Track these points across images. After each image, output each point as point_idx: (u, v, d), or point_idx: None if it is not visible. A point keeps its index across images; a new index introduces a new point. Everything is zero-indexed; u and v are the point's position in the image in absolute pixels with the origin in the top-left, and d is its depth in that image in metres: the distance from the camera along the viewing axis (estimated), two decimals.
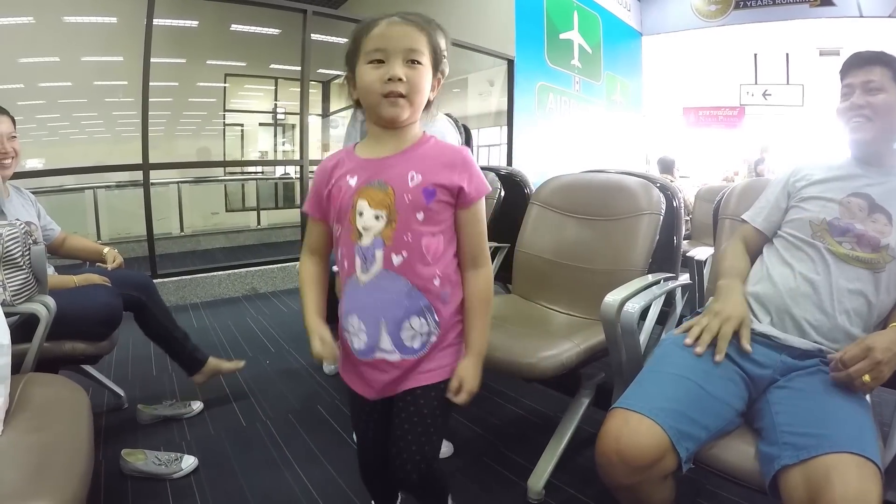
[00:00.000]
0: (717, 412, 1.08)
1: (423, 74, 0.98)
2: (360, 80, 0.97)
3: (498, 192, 2.57)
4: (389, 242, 0.97)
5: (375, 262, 0.98)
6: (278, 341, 3.02)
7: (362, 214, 0.97)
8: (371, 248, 0.98)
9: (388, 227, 0.96)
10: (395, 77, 0.94)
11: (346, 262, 1.01)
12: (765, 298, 1.29)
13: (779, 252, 1.36)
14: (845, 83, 1.33)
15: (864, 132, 1.29)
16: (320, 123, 9.70)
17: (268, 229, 7.69)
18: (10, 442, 1.04)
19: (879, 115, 1.26)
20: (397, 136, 1.01)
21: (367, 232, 0.97)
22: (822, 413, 1.02)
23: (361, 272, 0.99)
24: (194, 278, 3.97)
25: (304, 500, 1.60)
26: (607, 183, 2.06)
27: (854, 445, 0.91)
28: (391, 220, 0.96)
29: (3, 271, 1.43)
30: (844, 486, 0.85)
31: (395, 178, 0.97)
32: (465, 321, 1.07)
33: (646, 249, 1.84)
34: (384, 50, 0.95)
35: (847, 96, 1.31)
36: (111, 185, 6.22)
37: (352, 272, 1.00)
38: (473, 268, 1.06)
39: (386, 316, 0.99)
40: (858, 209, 1.27)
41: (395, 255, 0.97)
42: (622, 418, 1.03)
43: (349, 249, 1.00)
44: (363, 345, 1.01)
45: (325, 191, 1.03)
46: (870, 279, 1.21)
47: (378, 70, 0.95)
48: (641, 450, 0.98)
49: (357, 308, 1.01)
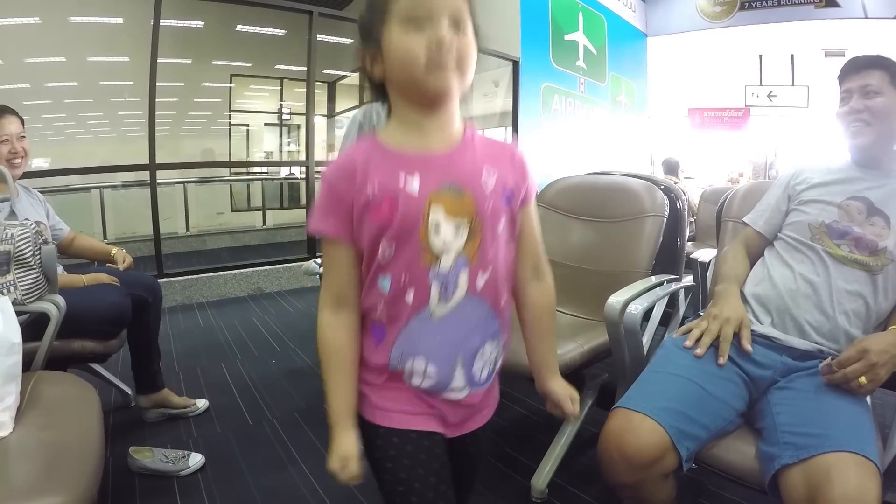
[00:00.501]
0: (718, 412, 1.09)
1: (472, 44, 0.78)
2: (394, 47, 0.74)
3: None
4: (474, 261, 0.77)
5: (458, 287, 0.77)
6: (284, 341, 3.04)
7: (439, 229, 0.75)
8: (454, 271, 0.76)
9: (470, 243, 0.76)
10: (444, 41, 0.72)
11: (410, 294, 0.76)
12: (765, 299, 1.31)
13: (779, 254, 1.37)
14: (844, 88, 1.35)
15: (863, 136, 1.30)
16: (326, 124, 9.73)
17: (273, 229, 7.72)
18: (21, 439, 1.07)
19: (878, 119, 1.28)
20: (444, 122, 0.79)
21: (448, 251, 0.75)
22: (822, 413, 1.03)
23: (438, 304, 0.77)
24: (200, 278, 4.00)
25: (310, 497, 1.61)
26: (611, 185, 2.07)
27: (853, 445, 0.93)
28: (474, 233, 0.76)
29: (15, 271, 1.46)
30: (844, 484, 0.86)
31: (470, 179, 0.77)
32: (532, 341, 0.93)
33: (649, 251, 1.85)
34: (427, 9, 0.73)
35: (845, 101, 1.33)
36: (117, 184, 6.26)
37: (421, 306, 0.76)
38: (538, 278, 0.90)
39: (464, 349, 0.80)
40: (857, 212, 1.29)
41: (480, 275, 0.78)
42: (624, 417, 1.04)
43: (417, 277, 0.75)
44: (429, 385, 0.80)
45: (357, 200, 0.75)
46: (868, 281, 1.23)
47: (420, 35, 0.73)
48: (643, 448, 0.99)
49: (426, 349, 0.78)
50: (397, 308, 0.77)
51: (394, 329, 0.78)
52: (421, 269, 0.75)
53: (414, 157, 0.77)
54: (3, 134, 1.82)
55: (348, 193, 0.75)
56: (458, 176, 0.77)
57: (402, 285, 0.76)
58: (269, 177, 8.87)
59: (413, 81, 0.74)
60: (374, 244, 0.75)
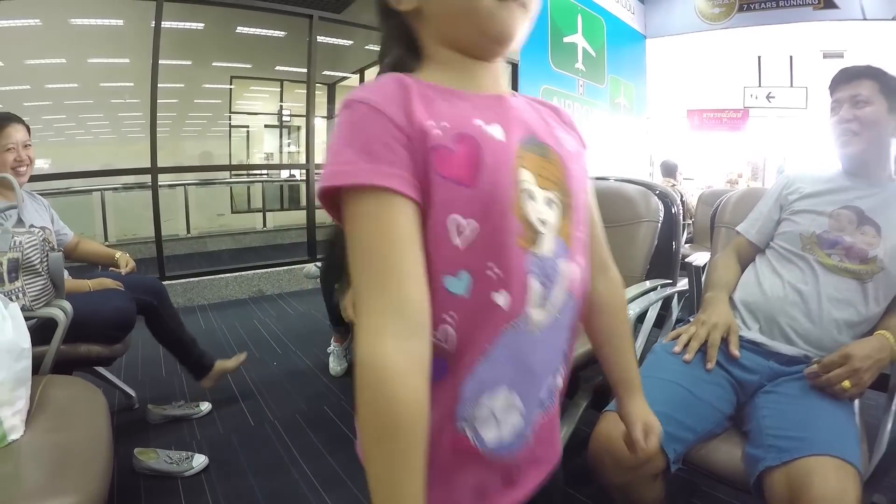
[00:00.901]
0: (705, 415, 1.13)
1: None
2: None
3: None
4: (570, 244, 0.57)
5: (558, 280, 0.55)
6: (285, 343, 3.08)
7: (534, 199, 0.53)
8: (553, 258, 0.55)
9: (564, 220, 0.56)
10: None
11: (502, 295, 0.51)
12: (754, 306, 1.34)
13: (770, 262, 1.41)
14: (834, 98, 1.36)
15: (852, 146, 1.33)
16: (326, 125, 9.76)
17: (274, 231, 7.75)
18: (31, 442, 1.10)
19: (866, 128, 1.30)
20: (496, 74, 0.60)
21: (547, 230, 0.54)
22: (806, 417, 1.06)
23: (538, 305, 0.54)
24: (201, 280, 4.04)
25: (312, 497, 1.65)
26: (607, 190, 2.10)
27: (834, 449, 0.96)
28: (567, 208, 0.57)
29: (23, 277, 1.49)
30: (823, 486, 0.90)
31: (550, 138, 0.59)
32: (610, 353, 0.74)
33: (644, 256, 1.89)
34: None
35: (836, 110, 1.35)
36: (118, 186, 6.29)
37: (520, 311, 0.52)
38: (605, 271, 0.71)
39: (553, 371, 0.61)
40: (848, 222, 1.31)
41: (576, 266, 0.58)
42: (613, 420, 1.08)
43: (512, 269, 0.51)
44: (509, 432, 0.56)
45: (414, 139, 0.48)
46: (858, 289, 1.26)
47: None
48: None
49: (512, 375, 0.55)
50: (478, 320, 0.51)
51: (469, 355, 0.52)
52: (517, 256, 0.51)
53: (484, 98, 0.56)
54: (9, 142, 1.85)
55: (403, 126, 0.48)
56: (539, 132, 0.58)
57: (490, 282, 0.50)
58: (270, 179, 8.89)
59: (474, 13, 0.53)
60: (441, 219, 0.49)
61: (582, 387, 1.80)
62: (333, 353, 2.59)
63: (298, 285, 4.44)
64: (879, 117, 1.29)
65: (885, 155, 1.36)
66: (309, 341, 3.05)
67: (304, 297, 4.20)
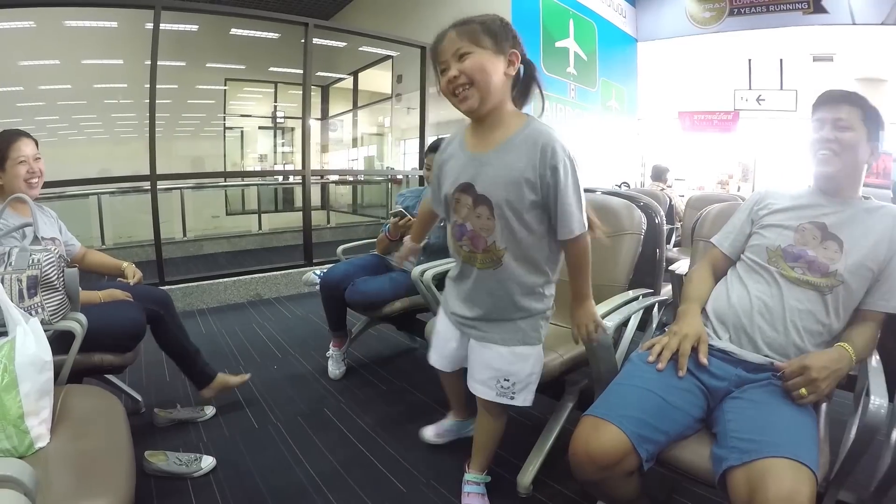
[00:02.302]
0: (676, 419, 1.23)
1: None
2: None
3: None
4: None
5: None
6: (284, 347, 3.17)
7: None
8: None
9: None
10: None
11: None
12: (724, 317, 1.44)
13: (739, 274, 1.50)
14: (816, 117, 1.43)
15: (830, 165, 1.40)
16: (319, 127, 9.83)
17: (269, 234, 7.80)
18: (58, 449, 1.19)
19: (845, 151, 1.37)
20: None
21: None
22: (766, 421, 1.15)
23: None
24: (200, 285, 4.12)
25: (315, 494, 1.75)
26: (593, 203, 2.18)
27: (790, 451, 1.04)
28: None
29: (41, 293, 1.58)
30: (777, 486, 0.98)
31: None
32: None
33: (627, 266, 2.00)
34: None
35: (818, 130, 1.41)
36: (114, 190, 6.33)
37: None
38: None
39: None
40: (812, 237, 1.41)
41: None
42: (591, 424, 1.18)
43: None
44: None
45: None
46: (818, 300, 1.35)
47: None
48: (606, 451, 1.13)
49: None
50: None
51: None
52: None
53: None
54: (20, 155, 1.93)
55: None
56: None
57: None
58: (264, 182, 8.94)
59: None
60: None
61: (568, 389, 1.91)
62: (332, 358, 2.68)
63: (296, 289, 4.52)
64: (858, 142, 1.37)
65: (858, 178, 1.43)
66: (307, 346, 3.14)
67: (302, 301, 4.28)
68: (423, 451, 1.99)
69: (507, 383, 1.47)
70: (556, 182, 1.29)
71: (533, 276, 1.43)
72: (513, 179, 1.31)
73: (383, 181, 9.22)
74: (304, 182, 4.63)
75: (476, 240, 1.40)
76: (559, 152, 1.28)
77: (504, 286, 1.42)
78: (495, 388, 1.48)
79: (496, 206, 1.34)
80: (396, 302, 2.39)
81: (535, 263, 1.42)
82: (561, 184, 1.29)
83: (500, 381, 1.47)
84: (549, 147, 1.29)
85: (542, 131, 1.32)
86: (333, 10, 9.38)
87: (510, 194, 1.32)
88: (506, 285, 1.42)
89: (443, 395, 2.00)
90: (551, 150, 1.28)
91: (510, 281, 1.41)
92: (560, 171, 1.28)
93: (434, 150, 2.58)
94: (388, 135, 9.85)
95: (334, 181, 10.11)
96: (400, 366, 2.89)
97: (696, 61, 9.08)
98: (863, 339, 1.32)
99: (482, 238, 1.39)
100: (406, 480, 1.83)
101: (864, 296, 1.37)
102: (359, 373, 2.75)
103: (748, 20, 7.75)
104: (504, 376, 1.47)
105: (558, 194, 1.30)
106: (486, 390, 1.49)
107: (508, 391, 1.48)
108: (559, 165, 1.28)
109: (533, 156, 1.30)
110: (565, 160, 1.29)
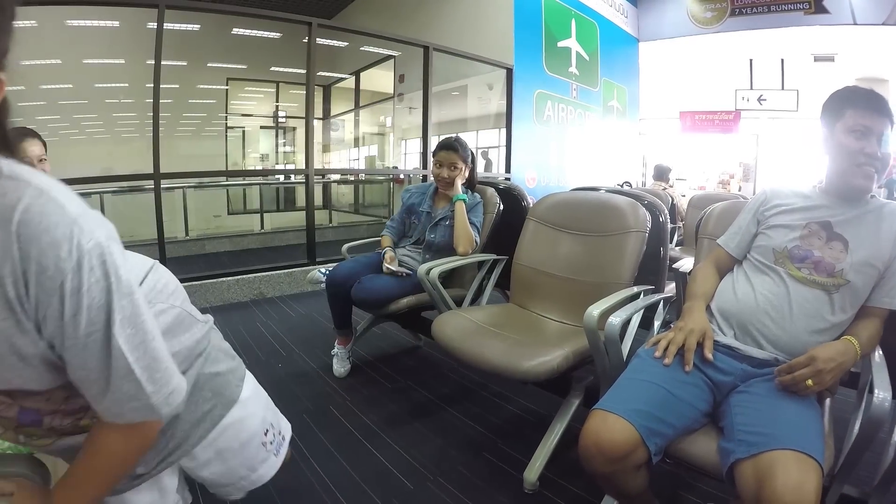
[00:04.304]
0: (683, 413, 1.25)
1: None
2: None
3: (497, 207, 2.71)
4: None
5: None
6: (288, 345, 3.17)
7: None
8: None
9: None
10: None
11: None
12: (729, 314, 1.46)
13: (745, 273, 1.52)
14: (863, 123, 1.35)
15: (871, 182, 1.37)
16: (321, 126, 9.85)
17: (272, 233, 7.81)
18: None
19: (881, 171, 1.37)
20: None
21: None
22: (773, 415, 1.17)
23: None
24: (203, 284, 4.12)
25: (322, 491, 1.76)
26: (598, 201, 2.22)
27: (797, 443, 1.06)
28: None
29: None
30: (785, 477, 1.00)
31: None
32: None
33: (632, 264, 2.01)
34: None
35: (863, 137, 1.35)
36: (116, 189, 6.34)
37: None
38: None
39: None
40: (817, 237, 1.42)
41: None
42: (601, 418, 1.20)
43: None
44: None
45: None
46: (825, 300, 1.36)
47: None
48: (616, 444, 1.15)
49: None
50: None
51: None
52: None
53: None
54: (25, 157, 1.93)
55: None
56: None
57: None
58: (266, 181, 8.95)
59: None
60: None
61: (574, 386, 1.92)
62: (337, 356, 2.69)
63: (299, 288, 4.53)
64: (888, 161, 1.36)
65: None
66: (311, 343, 3.15)
67: (305, 300, 4.29)
68: (429, 448, 2.00)
69: None
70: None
71: None
72: None
73: (385, 181, 9.25)
74: (307, 181, 4.64)
75: None
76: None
77: None
78: None
79: None
80: (402, 300, 2.40)
81: None
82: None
83: None
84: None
85: None
86: (336, 10, 9.41)
87: None
88: None
89: (448, 391, 2.01)
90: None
91: None
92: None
93: (444, 147, 2.61)
94: (389, 134, 9.88)
95: (336, 181, 10.13)
96: (405, 363, 2.89)
97: (698, 61, 9.10)
98: (867, 334, 1.33)
99: None
100: (412, 477, 1.83)
101: (870, 293, 1.38)
102: (364, 371, 2.76)
103: (749, 20, 7.78)
104: None
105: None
106: None
107: None
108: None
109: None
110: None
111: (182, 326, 1.00)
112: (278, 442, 1.27)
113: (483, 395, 2.47)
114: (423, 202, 2.72)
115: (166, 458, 0.98)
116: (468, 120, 7.97)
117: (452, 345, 1.82)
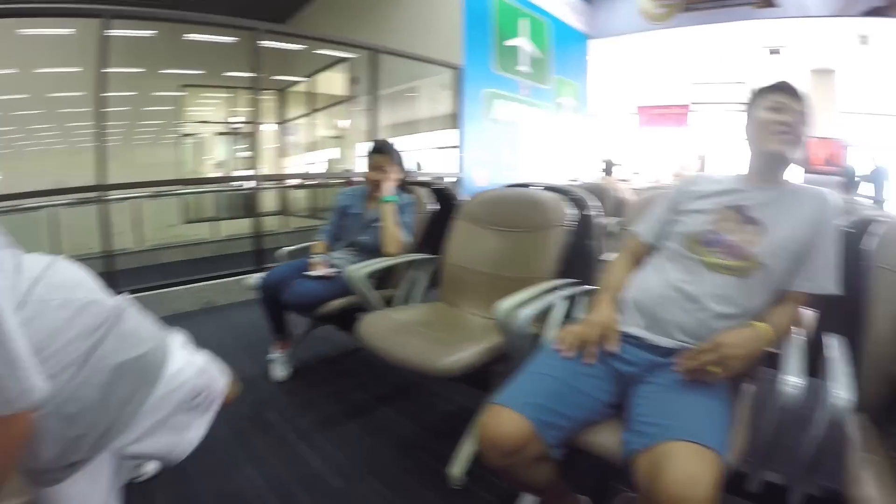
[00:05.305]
0: (581, 404, 1.26)
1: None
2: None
3: (429, 206, 2.72)
4: None
5: None
6: (231, 353, 3.16)
7: None
8: None
9: None
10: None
11: None
12: (640, 304, 1.44)
13: (658, 262, 1.51)
14: (778, 100, 1.40)
15: (786, 148, 1.39)
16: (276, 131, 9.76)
17: (226, 241, 7.68)
18: None
19: (798, 144, 1.40)
20: None
21: None
22: (670, 406, 1.17)
23: None
24: (152, 294, 4.04)
25: (253, 497, 1.75)
26: (524, 197, 2.25)
27: (692, 435, 1.05)
28: None
29: None
30: (675, 471, 0.98)
31: None
32: None
33: (553, 258, 2.04)
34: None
35: (779, 111, 1.40)
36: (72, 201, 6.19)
37: None
38: None
39: None
40: (732, 221, 1.42)
41: None
42: (495, 412, 1.21)
43: None
44: None
45: None
46: (737, 285, 1.35)
47: None
48: (508, 437, 1.16)
49: None
50: None
51: None
52: None
53: None
54: None
55: None
56: None
57: None
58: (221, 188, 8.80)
59: None
60: None
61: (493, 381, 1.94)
62: (275, 361, 2.68)
63: (247, 294, 4.47)
64: (804, 139, 1.41)
65: (787, 165, 1.45)
66: (255, 349, 3.12)
67: (254, 306, 4.21)
68: (361, 448, 2.02)
69: None
70: None
71: None
72: None
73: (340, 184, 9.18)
74: (255, 186, 4.61)
75: None
76: None
77: None
78: None
79: None
80: (333, 302, 2.39)
81: None
82: None
83: None
84: None
85: None
86: (292, 12, 9.33)
87: None
88: None
89: (385, 391, 2.01)
90: None
91: None
92: None
93: (377, 151, 2.62)
94: (346, 137, 9.83)
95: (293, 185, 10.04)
96: (345, 366, 2.89)
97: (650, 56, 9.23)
98: (781, 318, 1.33)
99: None
100: (342, 477, 1.84)
101: (788, 277, 1.37)
102: (304, 374, 2.74)
103: (701, 15, 7.87)
104: None
105: None
106: None
107: None
108: None
109: None
110: None
111: (84, 315, 1.07)
112: (211, 400, 1.39)
113: (419, 394, 2.48)
114: (356, 204, 2.72)
115: (97, 443, 1.06)
116: (421, 121, 7.93)
117: (374, 344, 1.82)
